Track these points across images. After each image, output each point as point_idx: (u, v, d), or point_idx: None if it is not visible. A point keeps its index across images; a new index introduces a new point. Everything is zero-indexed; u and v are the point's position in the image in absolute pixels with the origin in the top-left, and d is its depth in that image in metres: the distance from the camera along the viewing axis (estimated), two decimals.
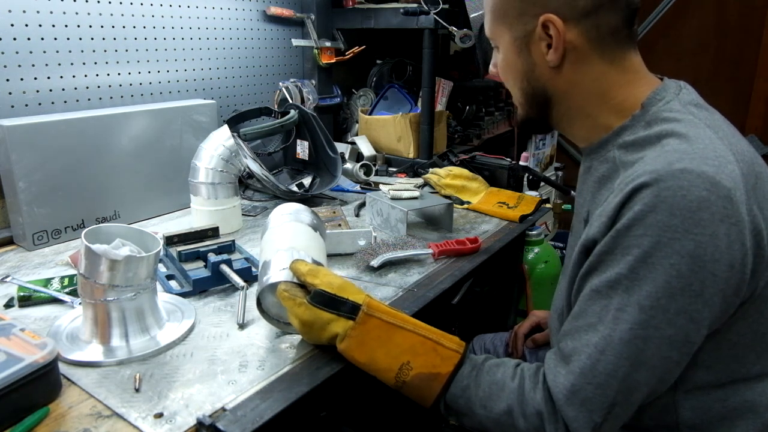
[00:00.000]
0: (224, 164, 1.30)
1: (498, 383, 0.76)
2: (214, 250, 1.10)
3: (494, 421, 0.75)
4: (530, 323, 1.22)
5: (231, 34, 1.71)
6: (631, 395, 0.69)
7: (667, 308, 0.66)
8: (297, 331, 0.86)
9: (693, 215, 0.64)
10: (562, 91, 0.81)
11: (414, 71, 2.09)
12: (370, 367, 0.79)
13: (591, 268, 0.73)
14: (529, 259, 1.93)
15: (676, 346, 0.68)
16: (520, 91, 0.85)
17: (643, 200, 0.66)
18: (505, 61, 0.84)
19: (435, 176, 1.62)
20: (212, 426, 0.69)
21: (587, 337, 0.70)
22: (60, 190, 1.24)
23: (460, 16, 1.69)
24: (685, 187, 0.64)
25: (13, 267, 1.14)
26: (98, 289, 0.81)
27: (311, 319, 0.80)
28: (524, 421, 0.72)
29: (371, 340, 0.78)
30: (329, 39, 1.93)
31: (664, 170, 0.66)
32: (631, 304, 0.68)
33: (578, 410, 0.69)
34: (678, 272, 0.65)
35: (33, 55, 1.27)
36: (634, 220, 0.67)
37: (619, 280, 0.69)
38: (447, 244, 1.21)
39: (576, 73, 0.79)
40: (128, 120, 1.34)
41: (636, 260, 0.67)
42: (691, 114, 0.74)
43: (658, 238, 0.65)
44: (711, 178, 0.65)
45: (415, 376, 0.77)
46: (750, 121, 2.82)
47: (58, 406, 0.72)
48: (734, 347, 0.74)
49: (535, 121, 0.88)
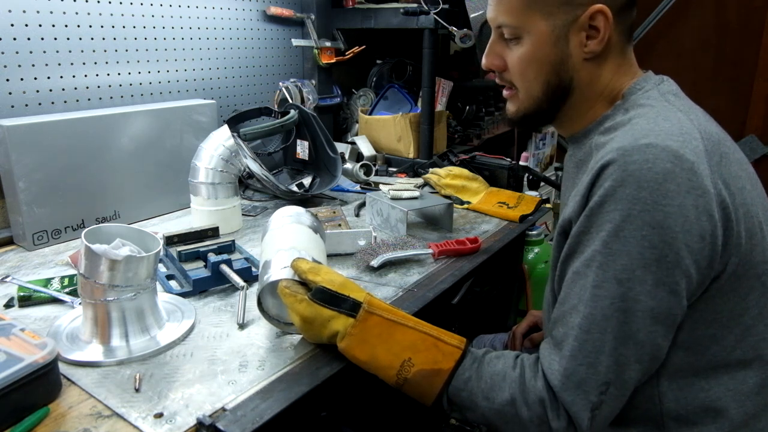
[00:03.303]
0: (224, 164, 1.30)
1: (499, 374, 0.76)
2: (214, 250, 1.10)
3: (497, 412, 0.75)
4: (528, 323, 1.23)
5: (231, 34, 1.71)
6: (623, 372, 0.70)
7: (644, 280, 0.68)
8: (297, 331, 0.86)
9: (660, 187, 0.66)
10: (585, 83, 0.82)
11: (414, 71, 2.09)
12: (371, 365, 0.78)
13: (571, 251, 0.74)
14: (529, 259, 1.93)
15: (660, 319, 0.69)
16: (544, 84, 0.83)
17: (611, 176, 0.68)
18: (531, 52, 0.81)
19: (435, 176, 1.62)
20: (212, 426, 0.69)
21: (572, 319, 0.72)
22: (60, 190, 1.24)
23: (460, 16, 1.69)
24: (650, 160, 0.67)
25: (13, 267, 1.14)
26: (98, 289, 0.81)
27: (312, 316, 0.80)
28: (527, 410, 0.72)
29: (372, 338, 0.78)
30: (329, 39, 1.93)
31: (630, 145, 0.69)
32: (607, 280, 0.69)
33: (575, 393, 0.70)
34: (650, 243, 0.67)
35: (33, 55, 1.27)
36: (606, 197, 0.69)
37: (594, 256, 0.70)
38: (447, 244, 1.21)
39: (600, 65, 0.81)
40: (128, 120, 1.34)
41: (608, 235, 0.68)
42: (667, 101, 0.77)
43: (628, 212, 0.67)
44: (675, 152, 0.67)
45: (417, 372, 0.76)
46: (750, 121, 2.81)
47: (58, 406, 0.72)
48: (711, 325, 0.74)
49: (541, 115, 0.87)
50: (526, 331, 1.23)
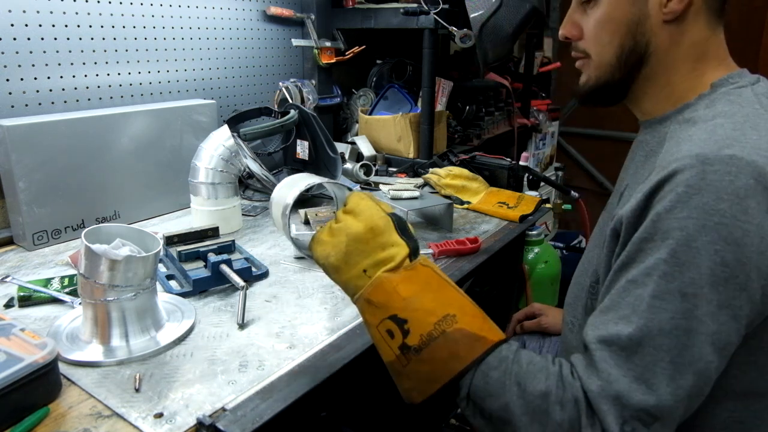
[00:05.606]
0: (224, 164, 1.30)
1: (537, 364, 0.67)
2: (214, 250, 1.10)
3: (526, 403, 0.65)
4: (526, 312, 1.30)
5: (231, 34, 1.71)
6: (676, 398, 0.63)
7: (710, 299, 0.61)
8: (318, 253, 0.74)
9: (741, 202, 0.60)
10: (663, 50, 0.77)
11: (414, 71, 2.09)
12: (409, 303, 0.68)
13: (629, 258, 0.67)
14: (529, 259, 1.93)
15: (718, 346, 0.62)
16: (618, 48, 0.79)
17: (687, 181, 0.62)
18: (608, 13, 0.78)
19: (435, 176, 1.62)
20: (212, 426, 0.69)
21: (619, 329, 0.64)
22: (60, 190, 1.24)
23: (460, 16, 1.69)
24: (733, 172, 0.61)
25: (13, 267, 1.14)
26: (98, 289, 0.81)
27: (381, 230, 0.70)
28: (560, 409, 0.63)
29: (422, 282, 0.70)
30: (329, 39, 1.93)
31: (713, 154, 0.63)
32: (671, 292, 0.62)
33: (611, 405, 0.63)
34: (722, 260, 0.61)
35: (33, 55, 1.27)
36: (678, 202, 0.62)
37: (657, 265, 0.63)
38: (447, 244, 1.21)
39: (681, 32, 0.76)
40: (128, 120, 1.34)
41: (678, 244, 0.62)
42: (759, 104, 0.71)
43: (704, 222, 0.61)
44: (761, 168, 0.61)
45: (458, 330, 0.67)
46: None
47: (58, 406, 0.72)
48: (755, 353, 0.69)
49: (616, 86, 0.82)
50: (523, 318, 1.29)
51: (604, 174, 3.36)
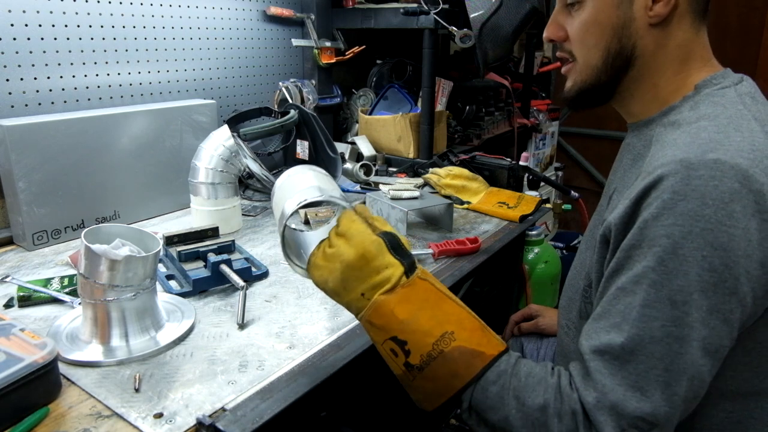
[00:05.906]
0: (224, 164, 1.30)
1: (536, 376, 0.69)
2: (214, 250, 1.10)
3: (524, 416, 0.66)
4: (523, 313, 1.28)
5: (231, 34, 1.71)
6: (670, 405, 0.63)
7: (700, 305, 0.62)
8: (314, 272, 0.74)
9: (726, 206, 0.61)
10: (649, 52, 0.77)
11: (414, 71, 2.09)
12: (406, 326, 0.68)
13: (619, 265, 0.67)
14: (529, 259, 1.93)
15: (710, 351, 0.63)
16: (603, 51, 0.78)
17: (672, 188, 0.63)
18: (593, 16, 0.78)
19: (435, 176, 1.62)
20: (212, 426, 0.69)
21: (611, 337, 0.65)
22: (60, 190, 1.24)
23: (460, 16, 1.69)
24: (717, 177, 0.61)
25: (13, 267, 1.14)
26: (98, 289, 0.81)
27: (373, 255, 0.69)
28: (558, 421, 0.65)
29: (419, 300, 0.70)
30: (329, 39, 1.93)
31: (697, 159, 0.63)
32: (660, 300, 0.62)
33: (608, 415, 0.64)
34: (710, 266, 0.61)
35: (33, 55, 1.27)
36: (663, 209, 0.63)
37: (645, 273, 0.63)
38: (447, 244, 1.21)
39: (667, 34, 0.76)
40: (128, 120, 1.34)
41: (665, 251, 0.62)
42: (743, 104, 0.71)
43: (689, 228, 0.61)
44: (744, 171, 0.62)
45: (457, 348, 0.68)
46: None
47: (58, 406, 0.72)
48: (750, 354, 0.70)
49: (601, 88, 0.82)
50: (520, 320, 1.27)
51: (604, 174, 3.37)
